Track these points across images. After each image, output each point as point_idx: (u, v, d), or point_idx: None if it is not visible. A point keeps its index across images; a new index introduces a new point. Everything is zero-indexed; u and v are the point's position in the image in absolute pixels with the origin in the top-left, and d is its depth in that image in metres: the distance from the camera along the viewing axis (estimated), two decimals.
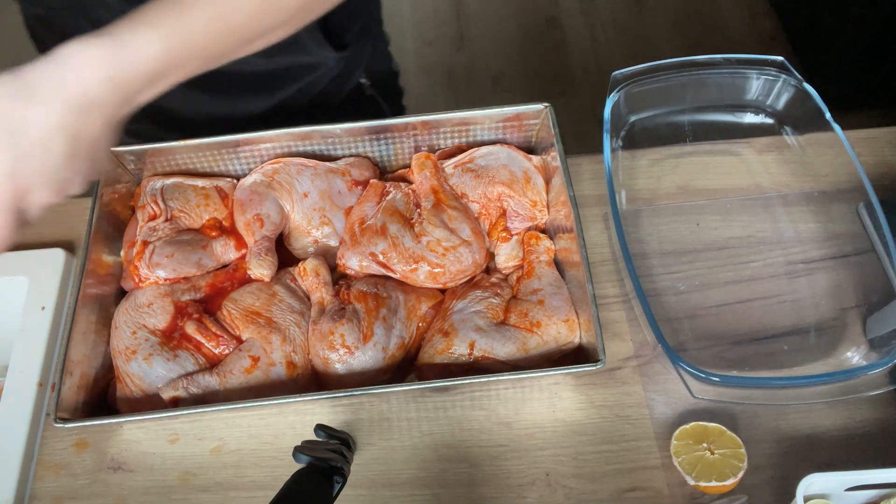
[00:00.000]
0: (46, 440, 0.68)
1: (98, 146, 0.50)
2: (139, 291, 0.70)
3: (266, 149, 0.76)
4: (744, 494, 0.62)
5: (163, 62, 0.49)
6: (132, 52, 0.48)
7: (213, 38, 0.51)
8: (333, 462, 0.54)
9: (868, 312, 0.70)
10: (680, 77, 0.79)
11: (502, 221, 0.74)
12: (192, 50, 0.51)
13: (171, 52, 0.49)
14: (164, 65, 0.50)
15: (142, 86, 0.50)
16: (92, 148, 0.50)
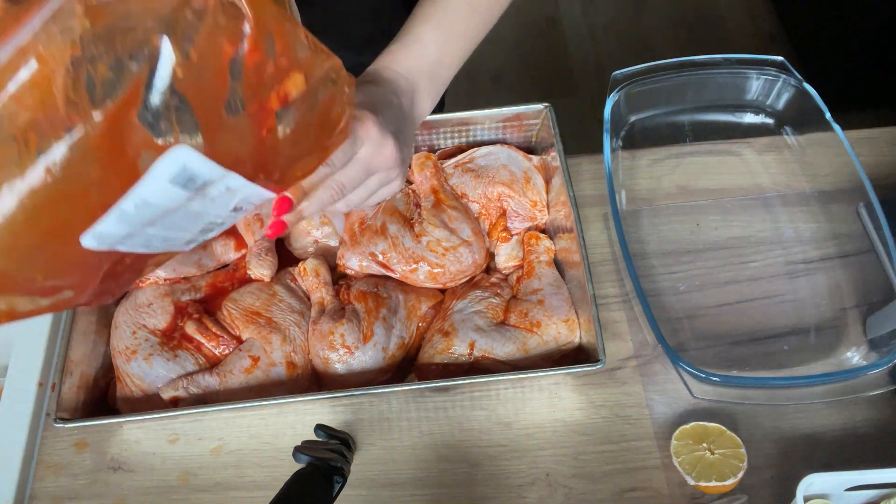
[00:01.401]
0: (46, 440, 0.68)
1: (412, 128, 0.59)
2: (139, 291, 0.70)
3: None
4: (744, 494, 0.62)
5: (439, 50, 0.59)
6: (417, 45, 0.58)
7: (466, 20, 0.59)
8: (333, 462, 0.54)
9: (868, 312, 0.70)
10: (680, 77, 0.79)
11: (502, 221, 0.74)
12: (455, 35, 0.59)
13: (441, 41, 0.58)
14: (440, 52, 0.59)
15: (429, 75, 0.59)
16: (411, 129, 0.59)
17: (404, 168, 0.56)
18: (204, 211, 0.44)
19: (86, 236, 0.37)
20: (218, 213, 0.46)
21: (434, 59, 0.59)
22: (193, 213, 0.44)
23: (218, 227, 0.49)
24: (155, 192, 0.37)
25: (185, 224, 0.44)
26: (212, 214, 0.46)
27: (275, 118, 0.42)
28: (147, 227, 0.41)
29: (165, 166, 0.36)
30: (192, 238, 0.47)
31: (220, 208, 0.46)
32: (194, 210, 0.43)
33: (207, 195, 0.42)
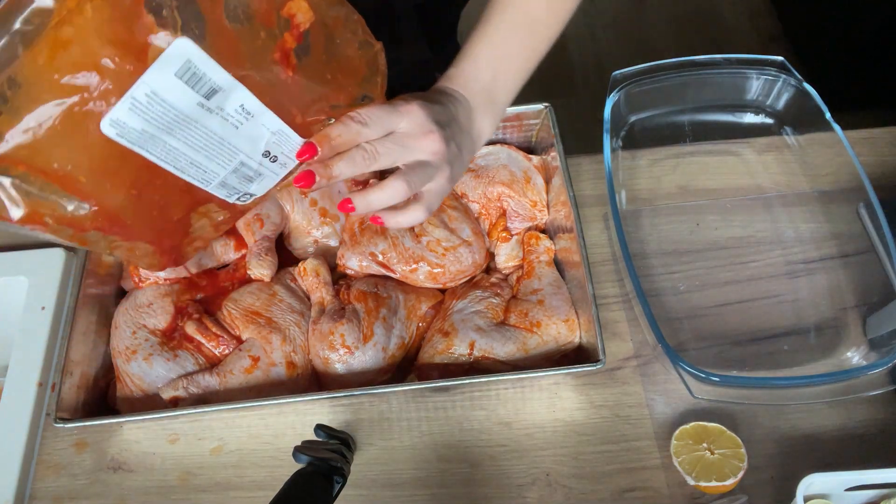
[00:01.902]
0: (46, 440, 0.68)
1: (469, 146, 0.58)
2: (139, 291, 0.70)
3: None
4: (744, 494, 0.62)
5: (494, 71, 0.57)
6: (471, 66, 0.57)
7: (520, 41, 0.58)
8: (333, 462, 0.54)
9: (868, 312, 0.70)
10: (680, 77, 0.79)
11: (502, 221, 0.74)
12: (509, 56, 0.58)
13: (494, 63, 0.57)
14: (495, 74, 0.57)
15: (485, 96, 0.58)
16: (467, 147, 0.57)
17: (453, 170, 0.54)
18: (228, 138, 0.45)
19: (104, 121, 0.39)
20: (246, 150, 0.47)
21: (489, 79, 0.57)
22: (216, 136, 0.45)
23: (252, 177, 0.50)
24: (162, 83, 0.39)
25: (212, 150, 0.46)
26: (240, 150, 0.47)
27: (285, 45, 0.43)
28: (167, 136, 0.43)
29: (170, 57, 0.38)
30: (224, 178, 0.48)
31: (245, 143, 0.47)
32: (216, 130, 0.44)
33: (225, 112, 0.44)
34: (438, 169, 0.52)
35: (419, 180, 0.51)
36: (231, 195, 0.51)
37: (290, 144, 0.50)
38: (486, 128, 0.58)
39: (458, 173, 0.55)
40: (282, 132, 0.48)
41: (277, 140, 0.49)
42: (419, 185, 0.52)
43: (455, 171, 0.54)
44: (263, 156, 0.49)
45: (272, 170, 0.51)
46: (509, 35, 0.57)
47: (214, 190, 0.50)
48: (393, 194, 0.51)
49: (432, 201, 0.54)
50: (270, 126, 0.47)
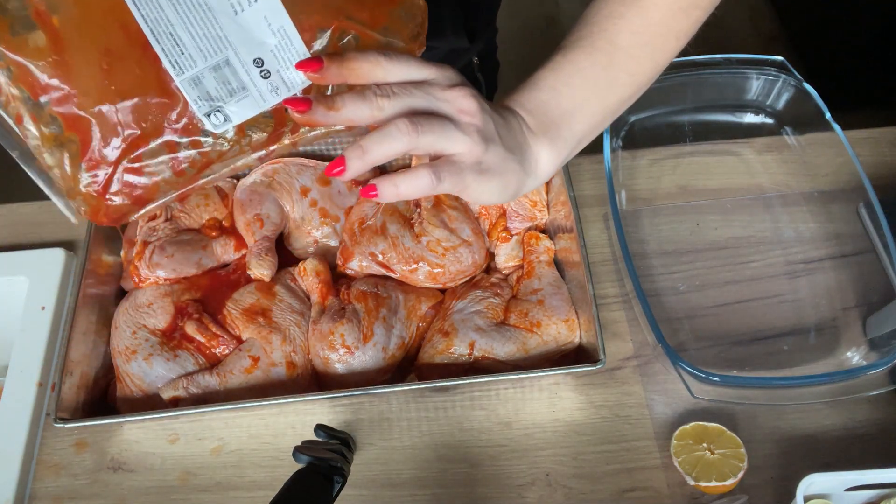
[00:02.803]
0: (46, 440, 0.68)
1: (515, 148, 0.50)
2: (139, 291, 0.70)
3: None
4: (744, 494, 0.62)
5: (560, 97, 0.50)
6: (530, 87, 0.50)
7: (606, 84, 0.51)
8: (333, 462, 0.54)
9: (868, 312, 0.70)
10: (680, 77, 0.79)
11: (502, 221, 0.74)
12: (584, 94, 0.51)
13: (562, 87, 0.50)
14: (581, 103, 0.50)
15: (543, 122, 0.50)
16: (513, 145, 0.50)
17: (484, 154, 0.44)
18: (220, 20, 0.39)
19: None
20: (237, 45, 0.41)
21: (550, 102, 0.49)
22: (209, 11, 0.39)
23: (235, 88, 0.43)
24: None
25: (198, 27, 0.40)
26: (230, 42, 0.41)
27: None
28: (164, 2, 0.38)
29: None
30: (200, 73, 0.41)
31: (239, 36, 0.41)
32: (215, 7, 0.39)
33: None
34: (464, 132, 0.43)
35: (435, 131, 0.42)
36: (202, 104, 0.43)
37: (290, 56, 0.43)
38: (543, 152, 0.49)
39: (492, 168, 0.45)
40: (286, 36, 0.42)
41: (278, 47, 0.42)
42: (434, 137, 0.42)
43: (489, 158, 0.44)
44: (255, 64, 0.42)
45: (259, 89, 0.43)
46: (581, 60, 0.50)
47: (185, 85, 0.42)
48: (418, 182, 0.43)
49: (445, 170, 0.43)
50: (274, 22, 0.41)
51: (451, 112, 0.43)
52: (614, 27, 0.50)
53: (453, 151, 0.43)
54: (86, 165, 0.44)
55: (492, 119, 0.45)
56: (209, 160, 0.47)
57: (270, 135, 0.47)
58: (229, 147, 0.46)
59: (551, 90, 0.50)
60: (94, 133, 0.43)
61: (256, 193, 0.74)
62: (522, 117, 0.49)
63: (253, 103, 0.44)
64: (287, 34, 0.42)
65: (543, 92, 0.50)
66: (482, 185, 0.45)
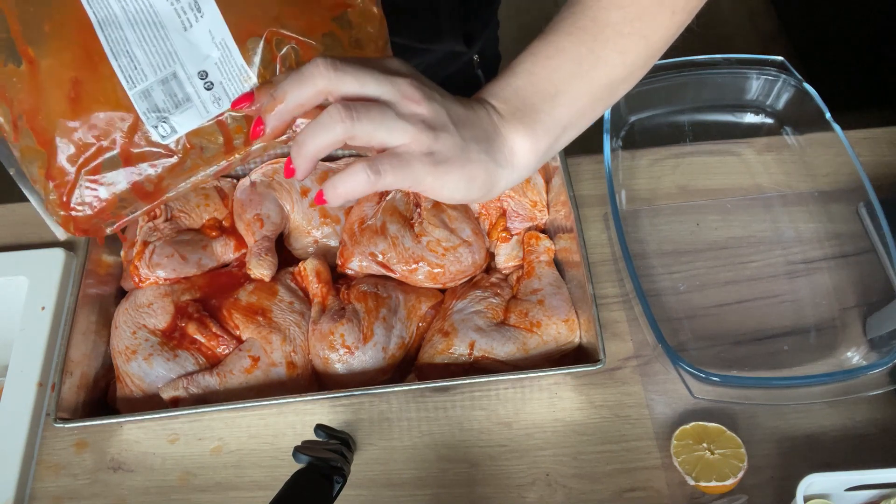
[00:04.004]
0: (46, 440, 0.68)
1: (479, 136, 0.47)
2: (139, 291, 0.70)
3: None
4: (744, 494, 0.62)
5: (537, 82, 0.47)
6: (506, 74, 0.48)
7: (590, 63, 0.48)
8: (333, 462, 0.54)
9: (868, 312, 0.70)
10: (680, 77, 0.79)
11: (502, 221, 0.74)
12: (563, 75, 0.47)
13: (537, 71, 0.47)
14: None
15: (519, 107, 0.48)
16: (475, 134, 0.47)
17: (433, 143, 0.41)
18: (171, 35, 0.42)
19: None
20: (184, 59, 0.43)
21: (525, 87, 0.46)
22: (160, 27, 0.42)
23: (180, 100, 0.45)
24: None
25: (150, 43, 0.42)
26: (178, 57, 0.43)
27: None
28: (125, 24, 0.41)
29: None
30: (150, 87, 0.44)
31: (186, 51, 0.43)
32: (163, 19, 0.42)
33: (179, 10, 0.41)
34: (407, 123, 0.40)
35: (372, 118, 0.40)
36: (151, 116, 0.45)
37: (231, 70, 0.45)
38: (518, 140, 0.46)
39: (449, 158, 0.42)
40: (226, 48, 0.43)
41: (221, 60, 0.44)
42: (371, 126, 0.40)
43: (440, 148, 0.41)
44: (199, 77, 0.44)
45: (203, 101, 0.45)
46: (562, 41, 0.47)
47: (136, 98, 0.44)
48: (355, 178, 0.41)
49: (385, 163, 0.40)
50: (217, 35, 0.43)
51: (395, 98, 0.41)
52: (598, 4, 0.47)
53: (396, 142, 0.41)
54: (51, 177, 0.48)
55: (443, 107, 0.42)
56: (162, 176, 0.49)
57: (222, 149, 0.49)
58: (179, 161, 0.48)
59: (528, 74, 0.47)
60: (58, 146, 0.46)
61: (256, 193, 0.74)
62: (493, 105, 0.46)
63: (196, 114, 0.46)
64: (228, 47, 0.44)
65: (519, 77, 0.47)
66: (440, 179, 0.42)
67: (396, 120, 0.40)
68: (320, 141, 0.40)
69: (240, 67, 0.45)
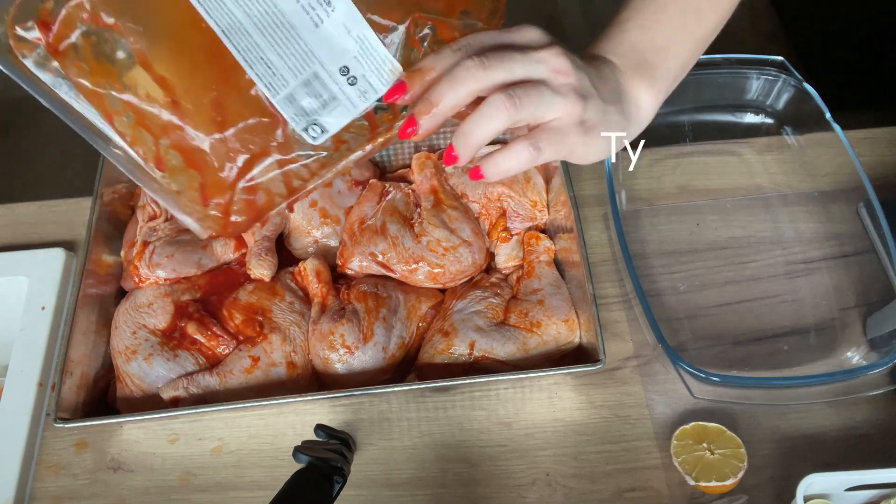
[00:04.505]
0: (46, 440, 0.68)
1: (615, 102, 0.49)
2: (139, 291, 0.70)
3: None
4: (744, 494, 0.62)
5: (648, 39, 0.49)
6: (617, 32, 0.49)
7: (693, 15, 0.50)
8: (333, 462, 0.54)
9: (868, 312, 0.70)
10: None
11: (502, 221, 0.74)
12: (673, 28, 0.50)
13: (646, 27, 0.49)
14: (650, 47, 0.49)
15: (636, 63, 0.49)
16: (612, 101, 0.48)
17: (584, 112, 0.43)
18: (304, 35, 0.41)
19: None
20: (322, 57, 0.43)
21: (640, 41, 0.48)
22: (292, 29, 0.41)
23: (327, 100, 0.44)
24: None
25: (285, 47, 0.41)
26: (316, 56, 0.42)
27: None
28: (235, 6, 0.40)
29: None
30: (293, 91, 0.43)
31: (323, 48, 0.42)
32: (292, 20, 0.41)
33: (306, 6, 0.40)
34: (562, 93, 0.42)
35: (533, 102, 0.41)
36: (299, 119, 0.45)
37: (373, 62, 0.43)
38: (642, 95, 0.48)
39: (596, 124, 0.44)
40: (365, 40, 0.42)
41: (360, 53, 0.43)
42: (533, 108, 0.41)
43: (588, 114, 0.43)
44: (341, 73, 0.43)
45: (349, 97, 0.44)
46: (664, 3, 0.49)
47: (281, 105, 0.44)
48: (518, 156, 0.42)
49: (544, 139, 0.42)
50: (353, 29, 0.41)
51: (546, 75, 0.42)
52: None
53: (554, 117, 0.42)
54: (207, 195, 0.47)
55: (586, 74, 0.44)
56: (313, 171, 0.48)
57: (367, 136, 0.48)
58: (329, 155, 0.48)
59: (640, 29, 0.48)
60: (210, 162, 0.45)
61: None
62: (615, 63, 0.47)
63: (345, 111, 0.45)
64: (367, 38, 0.43)
65: (631, 33, 0.48)
66: (589, 146, 0.44)
67: (553, 96, 0.42)
68: (486, 130, 0.41)
69: (383, 58, 0.43)
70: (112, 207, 0.74)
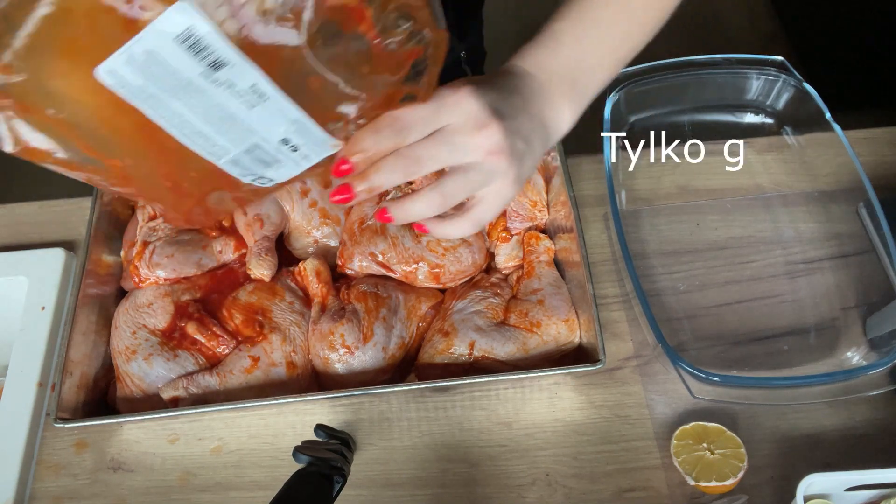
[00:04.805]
0: (46, 440, 0.68)
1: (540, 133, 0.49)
2: (139, 291, 0.70)
3: None
4: (744, 494, 0.62)
5: (577, 50, 0.49)
6: (552, 42, 0.49)
7: (614, 21, 0.50)
8: (333, 462, 0.54)
9: (868, 312, 0.70)
10: (680, 77, 0.79)
11: (502, 221, 0.74)
12: (599, 36, 0.50)
13: (581, 40, 0.49)
14: (579, 53, 0.49)
15: (568, 79, 0.49)
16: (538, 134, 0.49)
17: (520, 169, 0.45)
18: (239, 116, 0.42)
19: (99, 68, 0.37)
20: (261, 132, 0.44)
21: (572, 58, 0.48)
22: (226, 112, 0.42)
23: (270, 162, 0.46)
24: (161, 44, 0.37)
25: (221, 125, 0.42)
26: (255, 131, 0.43)
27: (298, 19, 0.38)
28: (170, 98, 0.40)
29: (170, 18, 0.36)
30: (236, 157, 0.45)
31: (260, 125, 0.43)
32: (225, 105, 0.41)
33: (235, 89, 0.40)
34: (495, 172, 0.44)
35: (462, 188, 0.44)
36: (245, 176, 0.46)
37: (312, 138, 0.45)
38: (565, 116, 0.49)
39: (528, 172, 0.46)
40: (301, 123, 0.43)
41: (298, 130, 0.44)
42: (463, 194, 0.44)
43: (523, 169, 0.45)
44: (281, 143, 0.44)
45: (292, 159, 0.46)
46: (602, 13, 0.49)
47: (226, 166, 0.45)
48: (427, 206, 0.44)
49: (484, 210, 0.46)
50: (288, 114, 0.43)
51: (480, 158, 0.44)
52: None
53: (488, 191, 0.45)
54: (167, 211, 0.50)
55: (519, 133, 0.45)
56: (266, 191, 0.50)
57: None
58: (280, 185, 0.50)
59: (575, 43, 0.49)
60: (166, 197, 0.48)
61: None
62: (544, 83, 0.48)
63: (290, 169, 0.47)
64: (303, 122, 0.44)
65: (567, 47, 0.49)
66: (516, 185, 0.46)
67: (487, 177, 0.44)
68: (420, 214, 0.45)
69: (321, 137, 0.45)
70: (112, 207, 0.74)
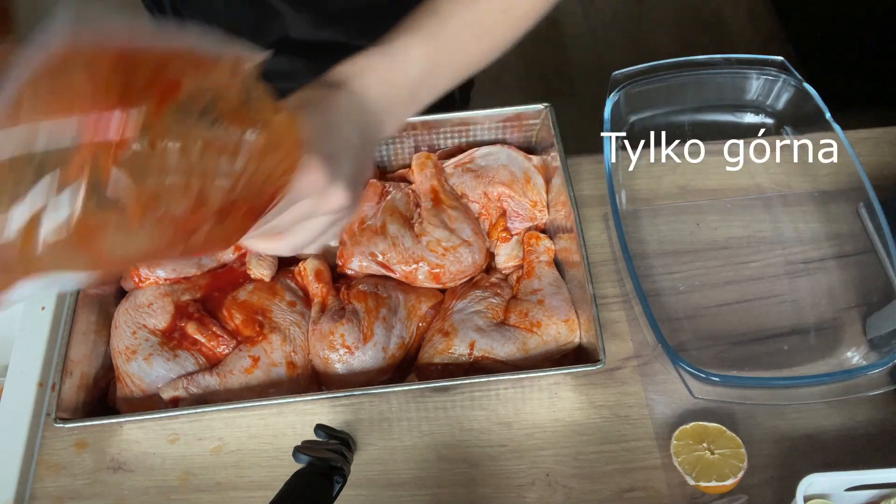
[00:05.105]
0: (46, 440, 0.68)
1: (370, 152, 0.49)
2: (139, 291, 0.70)
3: None
4: (744, 494, 0.62)
5: (426, 68, 0.50)
6: (401, 56, 0.49)
7: (468, 42, 0.52)
8: (333, 462, 0.54)
9: (868, 312, 0.70)
10: (680, 77, 0.78)
11: (502, 221, 0.74)
12: (450, 54, 0.51)
13: (432, 56, 0.50)
14: (426, 71, 0.50)
15: (407, 94, 0.50)
16: (368, 155, 0.49)
17: (356, 203, 0.47)
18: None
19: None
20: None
21: (417, 78, 0.49)
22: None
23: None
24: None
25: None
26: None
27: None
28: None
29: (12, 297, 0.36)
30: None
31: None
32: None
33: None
34: (343, 213, 0.46)
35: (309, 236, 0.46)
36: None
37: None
38: (391, 131, 0.51)
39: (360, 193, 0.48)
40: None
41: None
42: (309, 240, 0.46)
43: (356, 200, 0.47)
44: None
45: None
46: (458, 34, 0.51)
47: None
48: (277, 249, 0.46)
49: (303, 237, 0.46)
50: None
51: (333, 219, 0.46)
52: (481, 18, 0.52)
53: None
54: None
55: (353, 174, 0.45)
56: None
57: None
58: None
59: (424, 60, 0.50)
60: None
61: None
62: (383, 99, 0.48)
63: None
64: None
65: (415, 64, 0.49)
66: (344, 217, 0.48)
67: (332, 228, 0.47)
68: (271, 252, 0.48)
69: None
70: None
